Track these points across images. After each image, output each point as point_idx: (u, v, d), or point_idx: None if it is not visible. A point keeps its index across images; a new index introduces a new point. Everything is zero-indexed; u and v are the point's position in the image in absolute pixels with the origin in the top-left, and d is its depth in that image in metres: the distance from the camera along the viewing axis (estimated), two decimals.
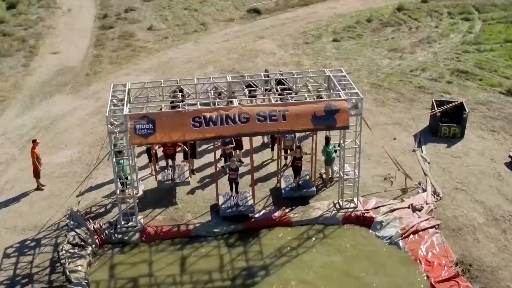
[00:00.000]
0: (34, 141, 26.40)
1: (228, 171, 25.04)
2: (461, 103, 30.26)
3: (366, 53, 40.98)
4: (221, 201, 24.77)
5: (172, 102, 26.40)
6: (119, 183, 23.72)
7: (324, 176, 26.64)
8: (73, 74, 38.99)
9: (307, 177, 26.17)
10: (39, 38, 45.47)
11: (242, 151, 27.64)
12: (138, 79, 37.18)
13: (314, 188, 25.71)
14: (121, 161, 23.96)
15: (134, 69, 39.45)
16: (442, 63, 38.54)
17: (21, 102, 35.13)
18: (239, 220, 24.26)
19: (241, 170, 26.12)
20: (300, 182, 25.75)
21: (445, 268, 21.47)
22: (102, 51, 42.61)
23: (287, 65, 38.82)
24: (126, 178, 24.33)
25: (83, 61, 41.11)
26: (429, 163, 27.58)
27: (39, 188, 26.46)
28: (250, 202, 24.68)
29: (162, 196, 25.70)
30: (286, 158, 27.23)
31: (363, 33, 44.96)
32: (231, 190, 24.92)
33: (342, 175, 24.54)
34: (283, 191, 25.61)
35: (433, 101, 30.56)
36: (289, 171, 26.50)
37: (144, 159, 27.84)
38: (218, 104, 23.23)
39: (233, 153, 27.01)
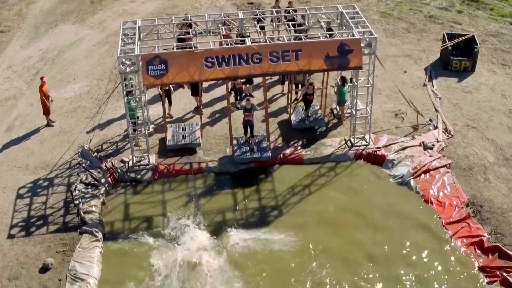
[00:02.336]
0: (41, 79, 26.11)
1: (242, 111, 24.69)
2: (473, 36, 29.89)
3: None
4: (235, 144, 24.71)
5: (179, 35, 25.93)
6: (130, 122, 23.66)
7: (335, 111, 26.54)
8: (77, 1, 38.46)
9: (317, 108, 26.30)
10: None
11: (253, 85, 27.48)
12: (144, 7, 36.87)
13: (323, 120, 25.82)
14: (131, 102, 23.78)
15: None
16: None
17: (26, 32, 34.75)
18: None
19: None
20: (310, 114, 25.86)
21: (456, 209, 21.59)
22: None
23: None
24: (137, 117, 24.23)
25: None
26: (440, 98, 27.44)
27: (49, 124, 26.39)
28: (266, 145, 24.45)
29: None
30: (296, 93, 27.07)
31: None
32: (245, 134, 24.60)
33: (354, 113, 24.44)
34: (293, 122, 25.73)
35: (445, 33, 30.18)
36: (300, 103, 26.57)
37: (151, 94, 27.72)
38: (230, 43, 22.93)
39: (244, 88, 26.88)
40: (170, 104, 26.27)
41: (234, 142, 24.52)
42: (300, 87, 26.82)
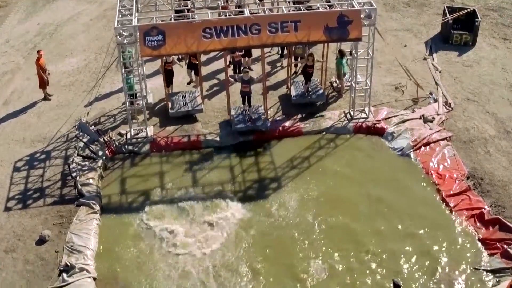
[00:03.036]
0: (38, 52, 25.90)
1: (240, 83, 24.36)
2: (474, 10, 29.62)
3: None
4: (233, 115, 24.34)
5: (177, 6, 25.66)
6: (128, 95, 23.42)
7: (334, 84, 26.33)
8: None
9: (317, 82, 25.97)
10: None
11: (252, 58, 27.21)
12: None
13: (324, 95, 25.52)
14: (129, 75, 23.50)
15: None
16: None
17: (24, 7, 34.51)
18: (251, 133, 24.00)
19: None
20: (310, 89, 25.48)
21: (457, 181, 21.41)
22: None
23: None
24: (135, 94, 23.92)
25: None
26: (440, 72, 27.21)
27: (46, 98, 26.18)
28: (263, 116, 24.24)
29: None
30: (296, 66, 26.86)
31: None
32: (243, 103, 24.35)
33: (353, 85, 24.21)
34: (293, 97, 25.39)
35: (445, 7, 29.90)
36: (299, 77, 26.35)
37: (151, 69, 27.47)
38: (229, 14, 22.67)
39: (242, 60, 26.62)
40: (171, 83, 25.91)
41: (232, 112, 24.27)
42: (300, 60, 26.59)
